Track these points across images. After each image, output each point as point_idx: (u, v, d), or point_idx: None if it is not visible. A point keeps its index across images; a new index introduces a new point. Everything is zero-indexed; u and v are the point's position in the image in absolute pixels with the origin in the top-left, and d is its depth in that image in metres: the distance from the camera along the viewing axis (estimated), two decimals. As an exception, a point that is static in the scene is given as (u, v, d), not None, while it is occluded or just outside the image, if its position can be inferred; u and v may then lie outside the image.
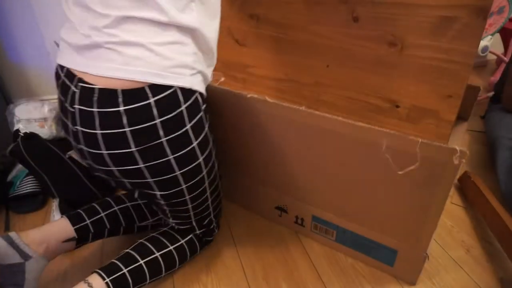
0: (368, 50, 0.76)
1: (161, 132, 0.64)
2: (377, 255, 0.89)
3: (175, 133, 0.66)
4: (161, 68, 0.63)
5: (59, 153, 1.08)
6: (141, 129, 0.63)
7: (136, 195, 0.76)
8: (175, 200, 0.76)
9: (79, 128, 0.65)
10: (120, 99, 0.61)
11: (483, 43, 1.55)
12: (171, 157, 0.67)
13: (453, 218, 1.08)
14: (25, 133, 1.06)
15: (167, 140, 0.66)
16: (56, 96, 1.58)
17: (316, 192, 0.90)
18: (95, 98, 0.62)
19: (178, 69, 0.64)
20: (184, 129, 0.67)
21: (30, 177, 1.15)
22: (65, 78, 0.67)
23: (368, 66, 0.82)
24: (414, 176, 0.68)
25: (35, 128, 1.12)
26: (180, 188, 0.73)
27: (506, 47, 2.02)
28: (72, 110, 0.65)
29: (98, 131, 0.63)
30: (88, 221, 0.86)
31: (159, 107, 0.63)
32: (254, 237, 1.01)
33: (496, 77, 1.88)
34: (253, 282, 0.88)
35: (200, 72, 0.70)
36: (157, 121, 0.63)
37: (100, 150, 0.65)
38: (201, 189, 0.78)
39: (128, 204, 0.93)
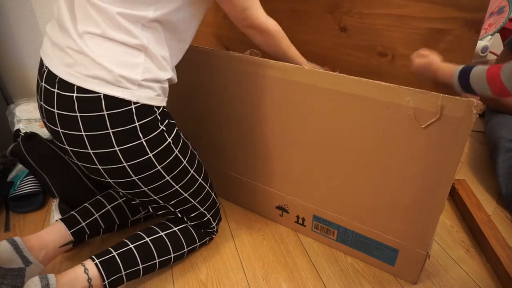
0: (358, 59, 0.74)
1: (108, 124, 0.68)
2: (378, 255, 0.89)
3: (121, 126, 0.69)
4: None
5: (59, 153, 1.07)
6: (90, 117, 0.67)
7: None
8: (132, 191, 0.77)
9: (43, 104, 0.73)
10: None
11: (483, 43, 1.55)
12: (116, 148, 0.70)
13: (453, 218, 1.08)
14: (26, 133, 1.06)
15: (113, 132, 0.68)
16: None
17: (319, 188, 0.90)
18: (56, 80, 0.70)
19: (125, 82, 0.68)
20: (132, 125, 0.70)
21: (30, 177, 1.15)
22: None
23: (359, 76, 0.81)
24: (434, 133, 0.68)
25: (35, 128, 1.12)
26: (131, 178, 0.74)
27: (506, 47, 2.02)
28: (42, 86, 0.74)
29: (55, 110, 0.69)
30: (83, 224, 0.88)
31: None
32: (254, 237, 1.01)
33: (496, 77, 1.87)
34: (253, 282, 0.88)
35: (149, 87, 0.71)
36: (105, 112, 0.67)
37: (58, 128, 0.71)
38: (160, 182, 0.77)
39: (120, 200, 0.95)
